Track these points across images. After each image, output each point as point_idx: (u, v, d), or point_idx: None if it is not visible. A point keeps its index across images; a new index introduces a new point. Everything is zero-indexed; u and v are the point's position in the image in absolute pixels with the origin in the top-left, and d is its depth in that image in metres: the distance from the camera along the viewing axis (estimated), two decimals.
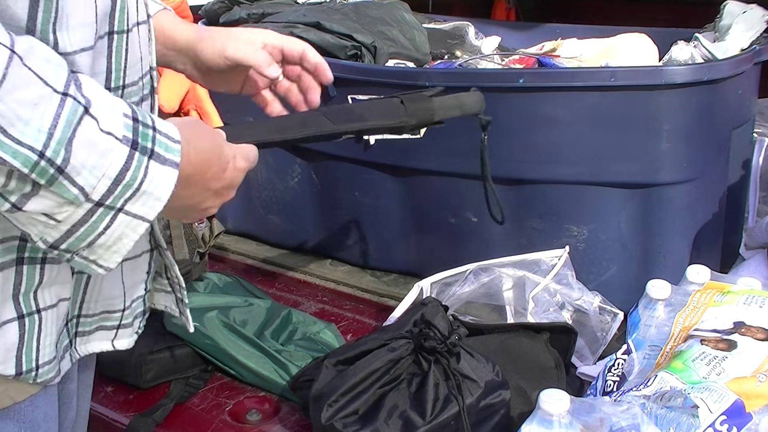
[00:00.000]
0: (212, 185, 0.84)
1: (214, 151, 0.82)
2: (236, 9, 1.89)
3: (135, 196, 0.72)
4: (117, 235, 0.74)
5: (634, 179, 1.41)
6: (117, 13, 0.81)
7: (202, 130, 0.83)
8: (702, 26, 1.73)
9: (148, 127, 0.73)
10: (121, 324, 0.95)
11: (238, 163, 0.86)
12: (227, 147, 0.85)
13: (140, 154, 0.72)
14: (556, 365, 1.25)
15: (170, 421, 1.28)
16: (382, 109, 1.06)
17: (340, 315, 1.60)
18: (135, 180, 0.71)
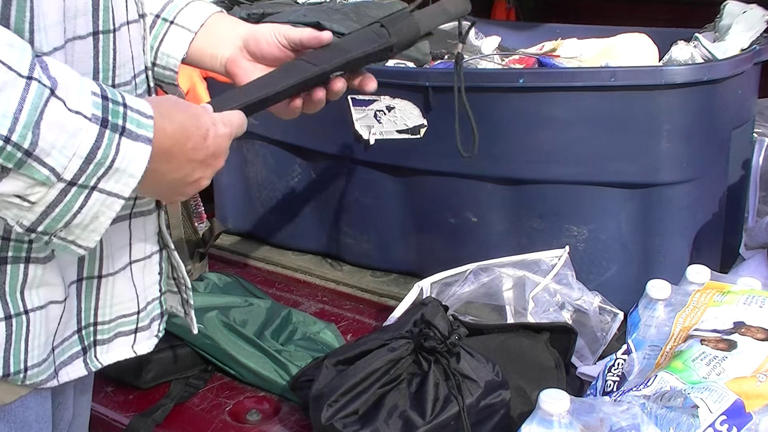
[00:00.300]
0: (196, 155, 0.82)
1: (190, 121, 0.81)
2: (236, 9, 1.89)
3: (108, 174, 0.72)
4: (93, 214, 0.74)
5: (634, 179, 1.41)
6: (101, 12, 0.81)
7: (176, 102, 0.82)
8: (702, 26, 1.73)
9: (118, 104, 0.73)
10: (138, 327, 0.95)
11: (219, 130, 0.84)
12: (205, 115, 0.83)
13: (111, 131, 0.72)
14: (556, 365, 1.25)
15: (170, 421, 1.28)
16: (364, 37, 1.04)
17: (340, 315, 1.60)
18: (107, 158, 0.72)
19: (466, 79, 1.40)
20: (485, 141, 1.47)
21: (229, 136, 0.86)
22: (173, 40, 1.05)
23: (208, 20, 1.06)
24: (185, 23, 1.05)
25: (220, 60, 1.06)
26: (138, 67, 0.90)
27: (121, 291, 0.91)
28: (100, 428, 1.32)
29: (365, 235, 1.72)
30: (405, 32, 1.07)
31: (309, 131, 1.68)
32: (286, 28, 1.04)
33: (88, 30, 0.80)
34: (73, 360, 0.88)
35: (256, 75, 1.05)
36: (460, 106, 1.16)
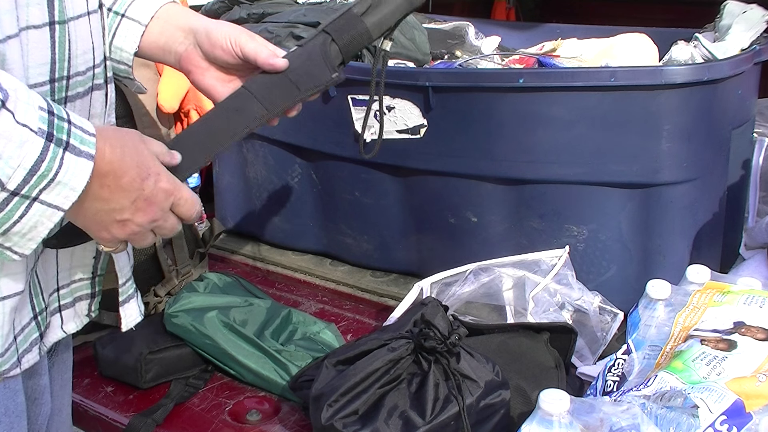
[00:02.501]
0: (128, 193, 0.81)
1: (134, 158, 0.81)
2: (236, 9, 1.89)
3: (50, 186, 0.74)
4: (32, 224, 0.75)
5: (634, 179, 1.41)
6: (56, 3, 0.81)
7: (132, 138, 0.82)
8: (702, 26, 1.73)
9: (63, 120, 0.75)
10: (61, 306, 0.95)
11: (161, 182, 0.84)
12: (151, 159, 0.83)
13: (55, 145, 0.73)
14: (556, 365, 1.25)
15: (170, 421, 1.28)
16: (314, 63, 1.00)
17: (340, 315, 1.60)
18: (50, 170, 0.73)
19: (466, 79, 1.41)
20: (485, 141, 1.48)
21: (169, 194, 0.85)
22: (125, 34, 1.03)
23: (159, 11, 1.03)
24: (136, 16, 1.03)
25: (174, 55, 1.04)
26: (98, 58, 0.91)
27: (45, 269, 0.92)
28: (100, 428, 1.32)
29: (365, 235, 1.72)
30: (357, 43, 1.02)
31: (309, 131, 1.68)
32: (244, 39, 1.01)
33: (43, 20, 0.80)
34: (32, 347, 0.89)
35: (210, 75, 1.04)
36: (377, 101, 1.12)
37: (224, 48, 1.01)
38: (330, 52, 1.01)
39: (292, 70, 1.00)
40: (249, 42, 1.00)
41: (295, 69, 1.00)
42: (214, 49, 1.01)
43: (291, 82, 1.00)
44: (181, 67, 1.05)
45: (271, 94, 0.99)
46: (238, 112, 0.99)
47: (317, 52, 1.00)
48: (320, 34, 1.01)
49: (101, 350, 1.39)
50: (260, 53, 0.99)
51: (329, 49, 1.01)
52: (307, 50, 1.01)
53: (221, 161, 1.94)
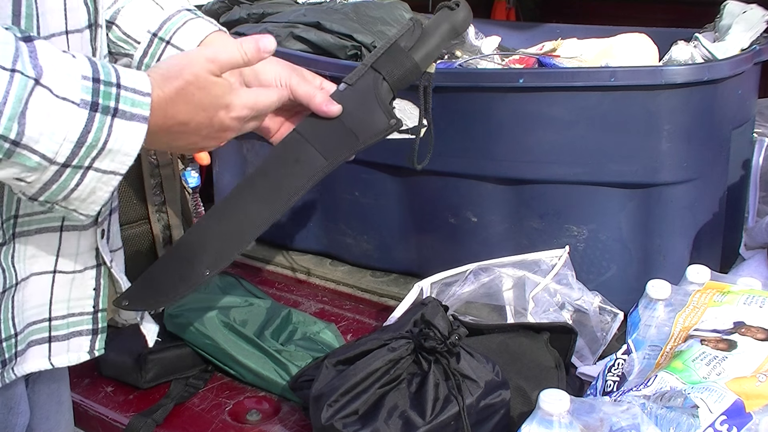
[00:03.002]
0: (198, 131, 0.84)
1: (197, 101, 0.82)
2: (236, 9, 1.89)
3: (102, 155, 0.74)
4: (90, 190, 0.76)
5: (634, 179, 1.41)
6: (23, 20, 0.79)
7: (188, 73, 0.82)
8: (702, 26, 1.73)
9: (111, 85, 0.74)
10: (51, 336, 0.92)
11: (231, 112, 0.86)
12: (220, 92, 0.84)
13: (102, 114, 0.73)
14: (556, 365, 1.25)
15: (170, 421, 1.28)
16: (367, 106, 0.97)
17: (340, 315, 1.60)
18: (98, 140, 0.73)
19: (466, 79, 1.40)
20: (485, 141, 1.48)
21: (242, 119, 0.87)
22: None
23: (205, 41, 1.02)
24: (181, 44, 1.02)
25: None
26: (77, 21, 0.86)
27: (31, 297, 0.89)
28: (100, 428, 1.32)
29: (365, 235, 1.72)
30: (406, 81, 0.99)
31: None
32: (295, 80, 0.99)
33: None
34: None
35: None
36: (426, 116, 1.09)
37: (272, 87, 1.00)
38: (382, 92, 0.98)
39: (346, 114, 0.97)
40: (301, 84, 0.99)
41: (350, 113, 0.97)
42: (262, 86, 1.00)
43: (348, 129, 0.97)
44: None
45: (330, 142, 0.97)
46: (299, 164, 0.96)
47: (370, 94, 0.97)
48: (369, 72, 0.98)
49: None
50: (314, 98, 0.98)
51: (381, 89, 0.98)
52: (359, 91, 0.98)
53: (221, 161, 1.94)
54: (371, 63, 0.99)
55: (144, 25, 1.04)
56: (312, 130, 0.98)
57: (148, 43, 1.03)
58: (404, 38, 1.00)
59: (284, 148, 1.00)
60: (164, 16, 1.04)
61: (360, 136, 0.98)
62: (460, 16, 1.02)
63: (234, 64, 0.87)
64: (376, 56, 1.00)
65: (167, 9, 1.05)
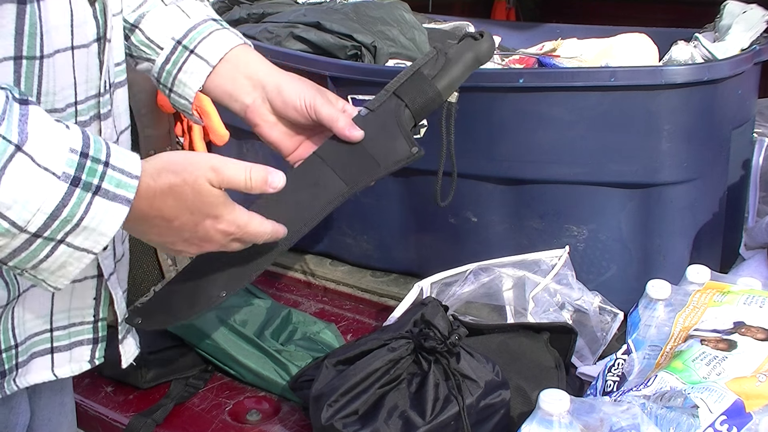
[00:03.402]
0: (181, 233, 0.81)
1: (186, 200, 0.79)
2: (236, 9, 1.89)
3: (76, 230, 0.72)
4: (60, 263, 0.74)
5: (634, 179, 1.41)
6: (25, 38, 0.78)
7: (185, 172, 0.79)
8: (702, 26, 1.73)
9: (98, 161, 0.72)
10: (54, 347, 0.92)
11: (219, 224, 0.83)
12: (211, 201, 0.82)
13: (82, 190, 0.71)
14: (556, 365, 1.25)
15: (170, 421, 1.28)
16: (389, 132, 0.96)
17: (340, 315, 1.60)
18: (74, 216, 0.71)
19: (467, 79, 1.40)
20: (485, 141, 1.48)
21: (227, 234, 0.85)
22: (191, 71, 1.02)
23: (229, 54, 1.02)
24: (205, 54, 1.02)
25: (241, 104, 1.03)
26: (84, 93, 0.87)
27: (32, 308, 0.89)
28: (100, 428, 1.32)
29: (365, 235, 1.72)
30: (428, 109, 0.99)
31: None
32: (319, 102, 0.99)
33: (6, 54, 0.77)
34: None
35: (278, 130, 1.03)
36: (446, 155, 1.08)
37: (297, 109, 1.00)
38: (403, 119, 0.97)
39: (368, 139, 0.97)
40: (324, 106, 0.99)
41: (371, 139, 0.97)
42: (287, 108, 1.01)
43: (369, 155, 0.96)
44: (247, 118, 1.04)
45: (350, 167, 0.96)
46: (318, 188, 0.96)
47: (391, 120, 0.97)
48: (391, 98, 0.98)
49: None
50: (336, 122, 0.97)
51: (403, 116, 0.97)
52: (381, 117, 0.98)
53: None
54: (393, 89, 0.99)
55: (169, 31, 1.03)
56: (333, 154, 0.97)
57: (172, 49, 1.03)
58: (427, 66, 0.99)
59: (304, 170, 0.99)
60: (190, 24, 1.04)
61: (381, 162, 0.97)
62: (484, 47, 1.02)
63: (234, 184, 0.84)
64: (398, 83, 0.99)
65: (193, 17, 1.05)
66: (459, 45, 1.03)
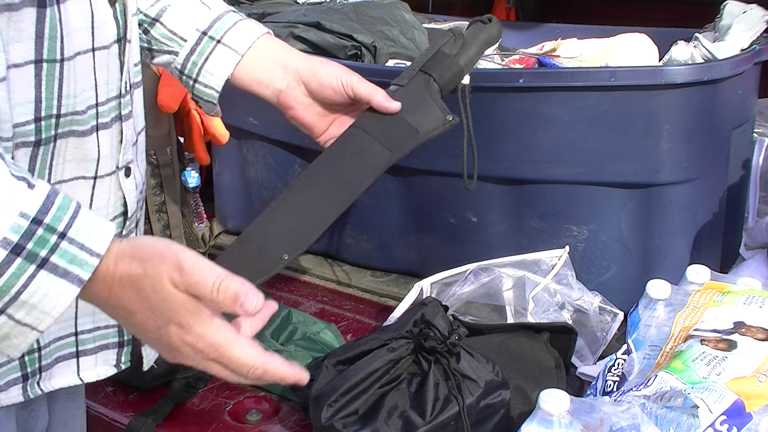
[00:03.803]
0: (147, 332, 0.70)
1: (148, 297, 0.68)
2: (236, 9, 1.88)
3: (14, 304, 0.66)
4: (2, 334, 0.68)
5: (634, 179, 1.41)
6: (46, 41, 0.77)
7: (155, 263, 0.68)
8: (702, 26, 1.73)
9: (52, 231, 0.65)
10: (79, 351, 0.91)
11: (186, 336, 0.69)
12: (179, 307, 0.68)
13: (24, 260, 0.65)
14: (556, 365, 1.25)
15: (170, 421, 1.28)
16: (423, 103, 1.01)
17: (340, 315, 1.60)
18: (10, 287, 0.65)
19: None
20: (485, 141, 1.48)
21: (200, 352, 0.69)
22: (219, 60, 1.03)
23: (256, 42, 1.04)
24: (232, 44, 1.04)
25: (273, 90, 1.04)
26: (105, 94, 0.87)
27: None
28: (100, 428, 1.32)
29: (365, 234, 1.72)
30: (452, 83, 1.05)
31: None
32: (356, 80, 1.02)
33: (25, 58, 0.76)
34: (9, 387, 0.84)
35: (312, 111, 1.04)
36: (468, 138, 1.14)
37: (335, 88, 1.02)
38: (433, 91, 1.03)
39: (404, 110, 1.01)
40: (361, 83, 1.02)
41: (406, 110, 1.02)
42: (323, 89, 1.03)
43: (408, 123, 1.00)
44: (280, 102, 1.05)
45: (392, 136, 0.99)
46: (363, 156, 0.98)
47: (423, 93, 1.02)
48: (419, 74, 1.03)
49: None
50: (375, 95, 1.01)
51: (432, 89, 1.03)
52: (411, 90, 1.03)
53: (221, 161, 1.94)
54: (420, 66, 1.04)
55: (192, 23, 1.04)
56: (372, 125, 1.01)
57: (197, 41, 1.04)
58: (447, 46, 1.06)
59: (346, 141, 1.02)
60: (213, 15, 1.05)
61: (420, 129, 1.01)
62: (494, 30, 1.11)
63: (200, 292, 0.68)
64: (423, 61, 1.05)
65: (214, 9, 1.06)
66: (472, 28, 1.10)
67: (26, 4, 0.75)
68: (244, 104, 1.13)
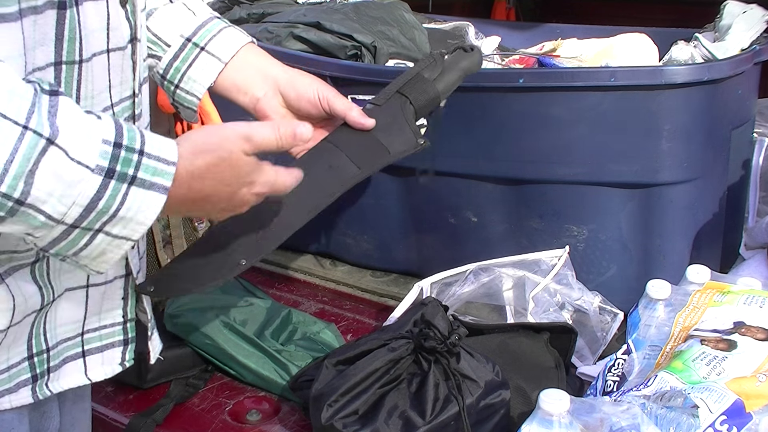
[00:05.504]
0: (216, 205, 0.83)
1: (223, 177, 0.81)
2: (236, 9, 1.89)
3: (113, 221, 0.72)
4: (100, 251, 0.74)
5: (634, 179, 1.41)
6: (65, 43, 0.78)
7: (220, 145, 0.81)
8: (702, 26, 1.73)
9: (133, 150, 0.72)
10: (85, 351, 0.92)
11: (253, 189, 0.86)
12: (246, 169, 0.84)
13: (117, 181, 0.71)
14: (556, 365, 1.25)
15: (170, 421, 1.28)
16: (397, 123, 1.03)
17: (340, 315, 1.60)
18: (109, 208, 0.71)
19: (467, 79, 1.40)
20: (485, 141, 1.48)
21: (261, 196, 0.88)
22: (202, 67, 1.04)
23: (239, 51, 1.05)
24: (216, 52, 1.05)
25: (251, 98, 1.06)
26: (119, 95, 0.88)
27: (64, 312, 0.88)
28: (100, 428, 1.32)
29: (365, 235, 1.72)
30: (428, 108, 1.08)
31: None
32: (332, 94, 1.05)
33: (47, 61, 0.77)
34: (19, 388, 0.85)
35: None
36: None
37: (311, 101, 1.05)
38: (408, 114, 1.05)
39: (377, 130, 1.04)
40: (337, 98, 1.05)
41: (380, 129, 1.04)
42: (300, 100, 1.05)
43: (379, 143, 1.02)
44: (257, 110, 1.07)
45: (362, 153, 1.01)
46: (332, 170, 1.00)
47: (398, 114, 1.04)
48: (396, 96, 1.06)
49: None
50: (350, 111, 1.04)
51: (407, 112, 1.05)
52: (387, 111, 1.05)
53: None
54: (397, 88, 1.07)
55: (176, 29, 1.05)
56: (345, 141, 1.03)
57: (180, 47, 1.04)
58: (428, 70, 1.08)
59: (317, 153, 1.03)
60: (197, 22, 1.06)
61: (391, 150, 1.03)
62: (476, 58, 1.13)
63: (268, 146, 0.87)
64: (402, 82, 1.07)
65: (199, 15, 1.07)
66: (454, 55, 1.13)
67: (48, 6, 0.75)
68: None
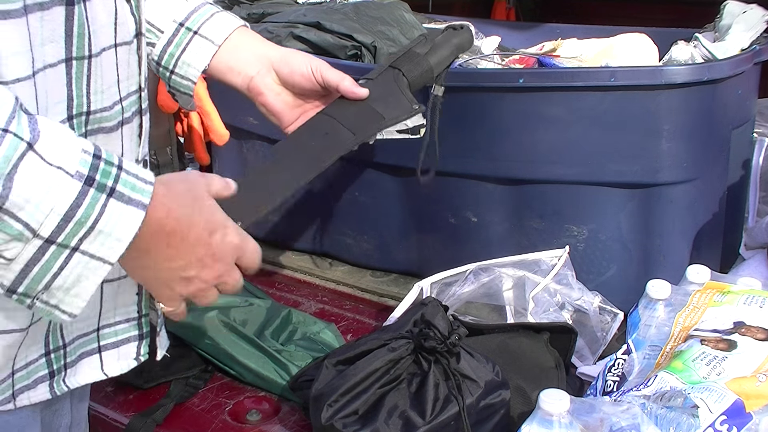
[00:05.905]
0: (196, 248, 0.78)
1: (200, 210, 0.78)
2: (236, 9, 1.89)
3: (90, 236, 0.69)
4: (75, 277, 0.70)
5: (634, 179, 1.41)
6: (75, 39, 0.78)
7: (192, 184, 0.78)
8: (702, 26, 1.73)
9: (112, 165, 0.70)
10: (101, 346, 0.91)
11: (228, 235, 0.80)
12: (218, 211, 0.80)
13: (96, 190, 0.68)
14: (556, 365, 1.25)
15: (170, 421, 1.28)
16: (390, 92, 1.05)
17: (340, 315, 1.60)
18: (88, 217, 0.68)
19: (467, 79, 1.41)
20: (485, 141, 1.48)
21: (237, 248, 0.81)
22: (196, 51, 1.05)
23: (232, 34, 1.06)
24: (209, 35, 1.05)
25: (243, 77, 1.06)
26: (127, 89, 0.87)
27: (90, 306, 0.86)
28: (100, 428, 1.32)
29: (365, 235, 1.72)
30: (421, 80, 1.09)
31: None
32: (325, 67, 1.06)
33: (58, 57, 0.77)
34: (37, 384, 0.85)
35: (281, 100, 1.07)
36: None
37: (304, 74, 1.05)
38: (402, 84, 1.06)
39: (372, 99, 1.05)
40: (330, 70, 1.05)
41: (374, 98, 1.05)
42: (293, 75, 1.06)
43: (374, 110, 1.03)
44: (250, 88, 1.07)
45: (357, 120, 1.02)
46: (328, 137, 1.01)
47: (392, 85, 1.06)
48: (388, 70, 1.07)
49: None
50: (343, 81, 1.04)
51: (401, 82, 1.06)
52: (381, 83, 1.06)
53: (221, 161, 1.94)
54: (390, 63, 1.08)
55: (169, 14, 1.05)
56: (339, 111, 1.04)
57: (174, 32, 1.05)
58: (418, 46, 1.10)
59: (313, 124, 1.05)
60: (190, 7, 1.07)
61: (386, 115, 1.04)
62: (467, 35, 1.15)
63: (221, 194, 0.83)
64: (393, 59, 1.09)
65: (191, 1, 1.08)
66: (444, 33, 1.15)
67: (56, 3, 0.75)
68: (244, 104, 1.13)
